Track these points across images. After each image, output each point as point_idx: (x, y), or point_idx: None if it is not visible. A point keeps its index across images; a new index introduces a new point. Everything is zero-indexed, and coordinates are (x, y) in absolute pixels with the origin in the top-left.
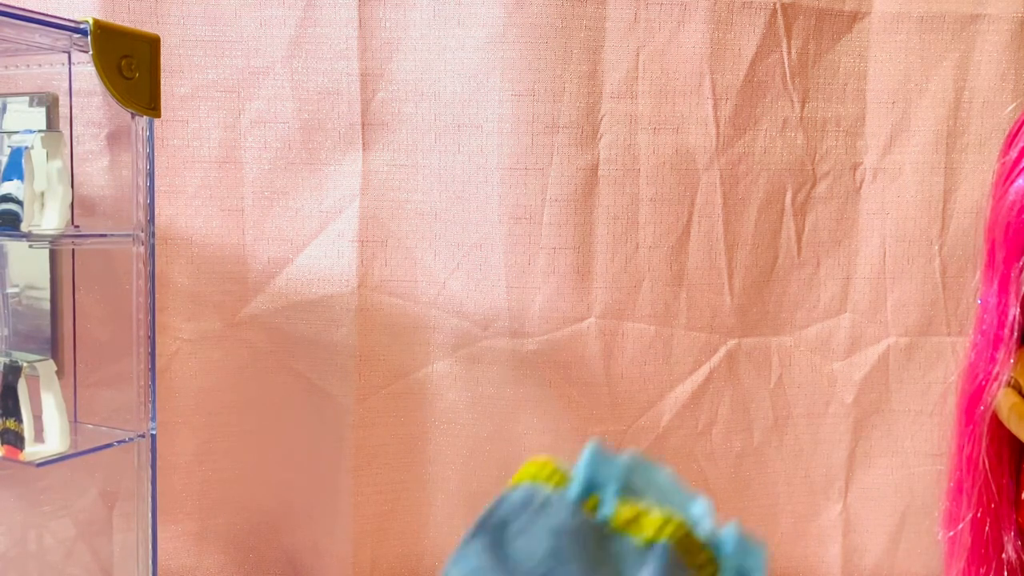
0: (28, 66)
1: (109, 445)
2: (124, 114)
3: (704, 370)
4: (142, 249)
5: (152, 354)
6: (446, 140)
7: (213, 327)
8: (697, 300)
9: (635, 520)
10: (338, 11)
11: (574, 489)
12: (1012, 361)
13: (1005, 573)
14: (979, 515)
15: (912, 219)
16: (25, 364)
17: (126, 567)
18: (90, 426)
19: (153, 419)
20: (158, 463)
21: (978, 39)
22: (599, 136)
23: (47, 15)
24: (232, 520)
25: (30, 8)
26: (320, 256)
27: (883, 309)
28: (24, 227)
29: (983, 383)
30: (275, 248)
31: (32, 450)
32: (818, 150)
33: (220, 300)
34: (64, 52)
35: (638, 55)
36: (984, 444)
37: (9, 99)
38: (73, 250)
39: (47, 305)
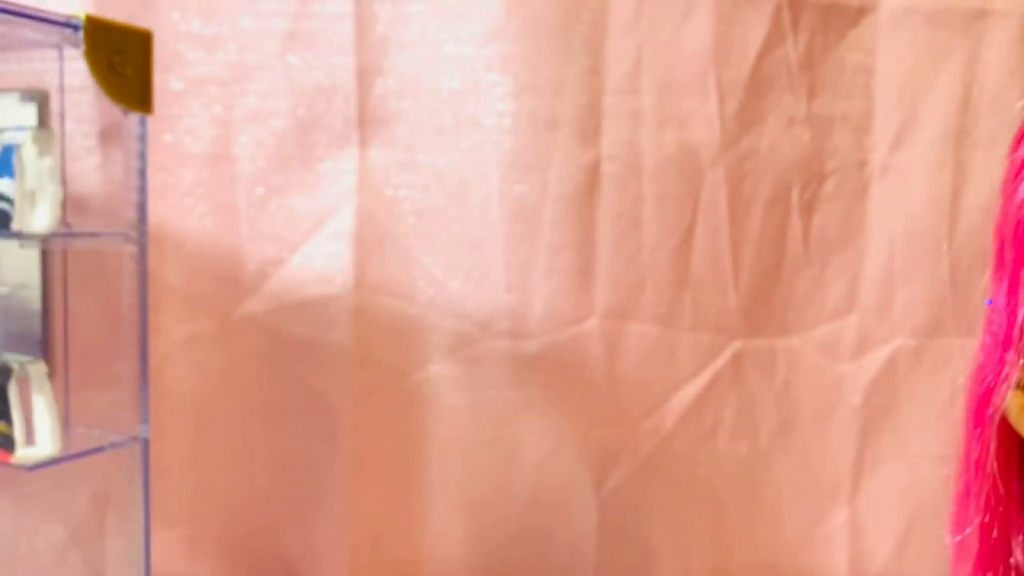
0: (19, 62)
1: (101, 448)
2: (116, 111)
3: (709, 372)
4: (134, 248)
5: (144, 355)
6: (445, 137)
7: (206, 328)
8: (701, 301)
9: None
10: (333, 4)
11: None
12: (1021, 363)
13: None
14: (987, 519)
15: (920, 218)
16: (16, 365)
17: (118, 573)
18: (82, 429)
19: (146, 422)
20: (151, 467)
21: (987, 35)
22: (601, 133)
23: (38, 9)
24: (226, 525)
25: (20, 2)
26: (316, 255)
27: (891, 310)
28: (14, 226)
29: (992, 385)
30: (269, 247)
31: (23, 453)
32: (825, 147)
33: (213, 301)
34: (55, 48)
35: (641, 50)
36: (992, 447)
37: None
38: (64, 249)
39: (38, 305)
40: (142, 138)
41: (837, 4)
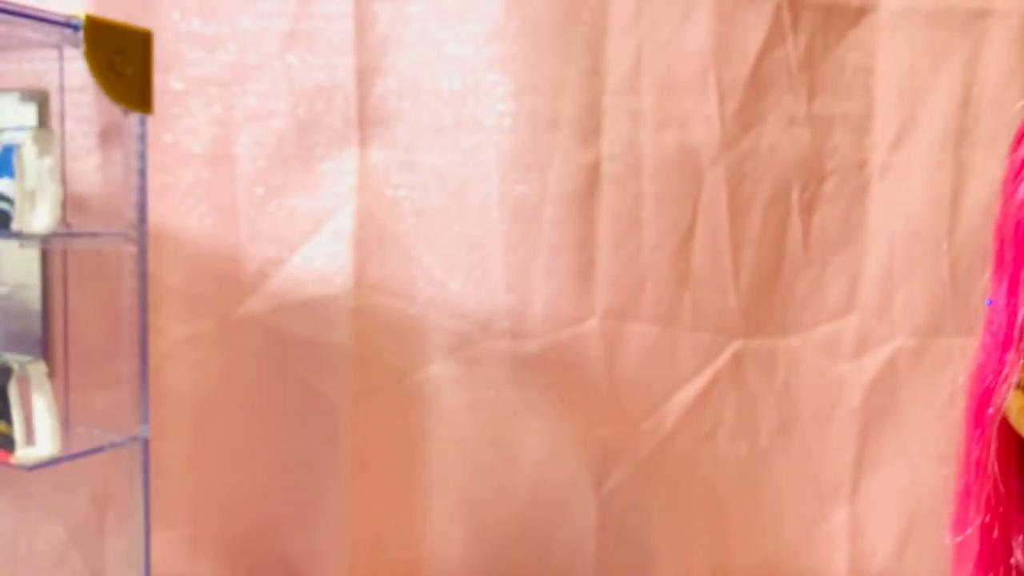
0: (19, 62)
1: (101, 448)
2: (116, 111)
3: (709, 372)
4: (134, 248)
5: (144, 355)
6: (445, 137)
7: (206, 328)
8: (701, 301)
9: None
10: (333, 4)
11: None
12: (1021, 363)
13: None
14: (987, 520)
15: (920, 218)
16: (16, 365)
17: (118, 573)
18: (82, 429)
19: (146, 422)
20: (151, 466)
21: (987, 35)
22: (601, 133)
23: (38, 9)
24: (226, 525)
25: (20, 2)
26: (316, 255)
27: (891, 310)
28: (15, 226)
29: (992, 385)
30: (269, 247)
31: (23, 453)
32: (825, 147)
33: (213, 301)
34: (55, 48)
35: (641, 50)
36: (993, 448)
37: None
38: (64, 249)
39: (38, 305)
40: (142, 138)
41: (837, 4)
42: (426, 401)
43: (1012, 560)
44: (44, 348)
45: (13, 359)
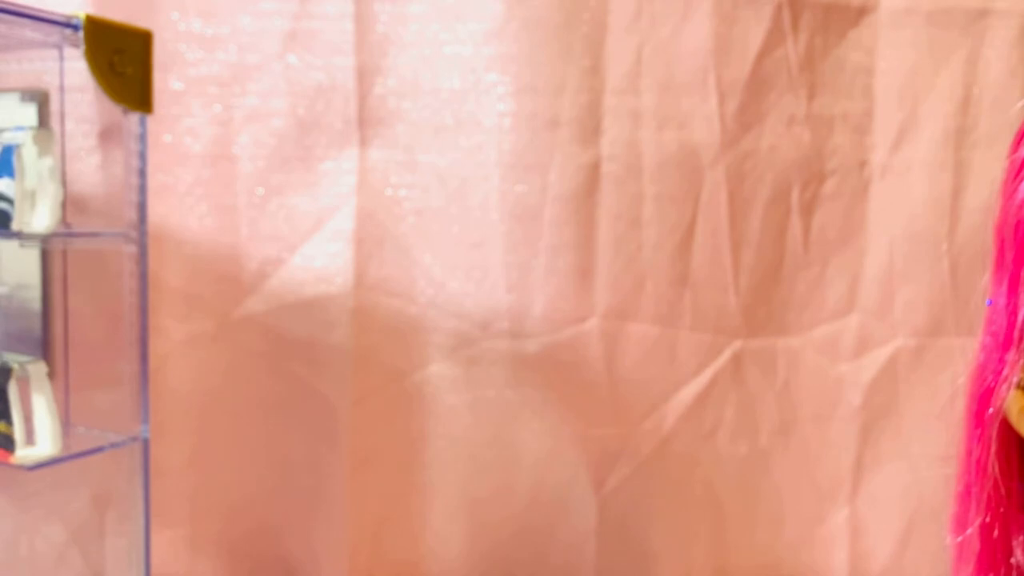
0: (19, 61)
1: (101, 448)
2: (116, 110)
3: (709, 372)
4: (134, 248)
5: (144, 355)
6: (445, 137)
7: (206, 328)
8: (701, 301)
9: None
10: (334, 4)
11: None
12: (1021, 363)
13: None
14: (988, 520)
15: (921, 217)
16: (16, 365)
17: (118, 572)
18: (82, 429)
19: (146, 422)
20: (151, 466)
21: (987, 34)
22: (601, 133)
23: (38, 9)
24: (226, 525)
25: (20, 2)
26: (316, 255)
27: (891, 310)
28: (15, 226)
29: (992, 385)
30: (269, 247)
31: (23, 453)
32: (825, 147)
33: (213, 300)
34: (55, 47)
35: (641, 50)
36: (993, 448)
37: None
38: (64, 249)
39: (38, 306)
40: (142, 138)
41: (837, 4)
42: (426, 401)
43: (1013, 560)
44: (44, 348)
45: (13, 359)
